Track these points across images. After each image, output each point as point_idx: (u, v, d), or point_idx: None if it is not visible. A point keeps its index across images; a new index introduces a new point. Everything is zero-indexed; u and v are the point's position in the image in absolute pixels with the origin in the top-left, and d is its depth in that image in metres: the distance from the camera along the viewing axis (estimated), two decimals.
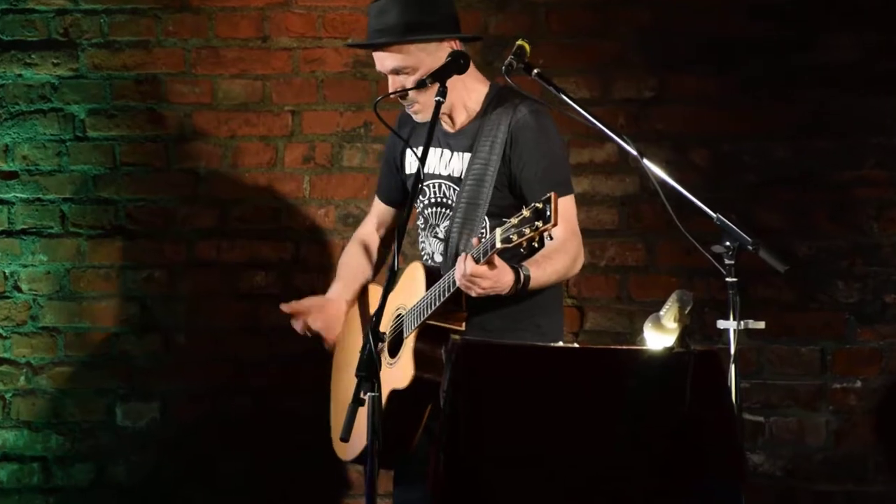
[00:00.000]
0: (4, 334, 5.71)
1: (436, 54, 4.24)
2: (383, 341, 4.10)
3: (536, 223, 3.84)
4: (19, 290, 5.71)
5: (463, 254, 4.05)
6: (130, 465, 5.66)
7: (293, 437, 5.48)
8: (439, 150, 4.38)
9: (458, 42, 4.28)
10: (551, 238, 3.99)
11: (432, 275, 4.23)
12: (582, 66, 5.46)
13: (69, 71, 5.70)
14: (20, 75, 5.71)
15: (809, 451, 5.41)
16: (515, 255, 4.07)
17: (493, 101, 4.32)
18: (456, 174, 4.34)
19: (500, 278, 4.03)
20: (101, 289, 5.70)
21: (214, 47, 5.65)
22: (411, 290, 4.26)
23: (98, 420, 5.68)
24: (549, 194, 3.84)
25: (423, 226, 4.46)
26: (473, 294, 4.05)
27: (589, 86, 5.46)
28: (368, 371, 3.78)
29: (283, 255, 5.63)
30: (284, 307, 4.59)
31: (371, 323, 3.86)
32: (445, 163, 4.37)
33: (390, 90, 4.31)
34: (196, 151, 5.68)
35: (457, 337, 4.04)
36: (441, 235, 4.36)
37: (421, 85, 4.22)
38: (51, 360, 5.70)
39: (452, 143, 4.35)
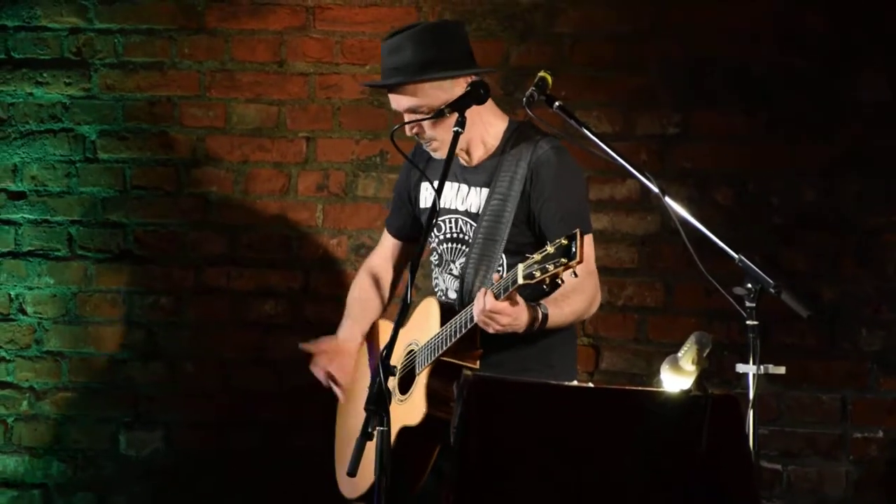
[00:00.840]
0: (8, 357, 5.72)
1: (451, 91, 4.23)
2: (394, 375, 4.07)
3: (561, 259, 3.84)
4: (24, 312, 5.72)
5: (483, 289, 4.04)
6: (132, 495, 5.65)
7: (298, 472, 5.47)
8: (456, 184, 4.37)
9: (473, 77, 4.25)
10: (575, 275, 3.96)
11: (447, 311, 4.23)
12: (605, 100, 5.46)
13: (81, 91, 5.71)
14: (31, 94, 5.73)
15: (828, 502, 5.38)
16: (532, 294, 4.06)
17: (513, 137, 4.30)
18: (473, 210, 4.33)
19: (520, 315, 4.03)
20: (107, 314, 5.70)
21: (230, 70, 5.66)
22: (425, 326, 4.25)
23: (101, 448, 5.69)
24: (574, 231, 3.84)
25: (437, 262, 4.45)
26: (491, 330, 4.04)
27: (611, 120, 5.46)
28: (378, 405, 3.75)
29: (293, 284, 5.63)
30: (304, 347, 4.57)
31: (381, 356, 3.83)
32: (462, 198, 4.35)
33: (407, 132, 4.30)
34: (208, 176, 5.68)
35: (468, 373, 4.01)
36: (456, 272, 4.35)
37: (439, 115, 4.19)
38: (54, 385, 5.71)
39: (470, 178, 4.33)
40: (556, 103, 4.16)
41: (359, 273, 4.69)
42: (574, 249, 3.81)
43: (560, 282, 3.91)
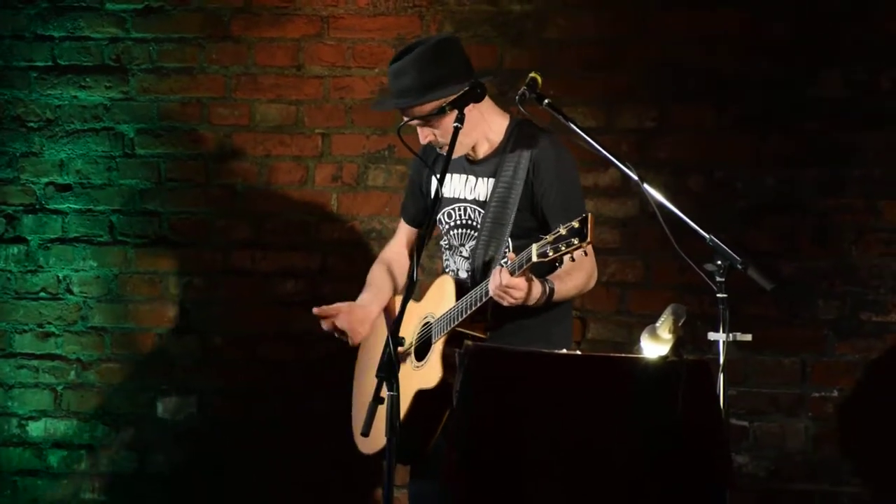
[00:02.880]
0: (57, 332, 5.72)
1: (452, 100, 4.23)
2: (402, 345, 4.10)
3: (573, 240, 3.87)
4: (71, 292, 5.73)
5: (498, 266, 4.06)
6: (169, 455, 5.66)
7: (317, 436, 5.48)
8: (464, 176, 4.37)
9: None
10: (585, 254, 4.00)
11: (461, 288, 4.24)
12: (589, 98, 5.46)
13: (120, 93, 5.71)
14: (75, 97, 5.73)
15: (790, 454, 5.38)
16: (538, 271, 4.08)
17: (515, 133, 4.31)
18: (481, 198, 4.34)
19: (531, 290, 4.05)
20: (145, 293, 5.71)
21: (253, 74, 5.67)
22: (441, 301, 4.27)
23: (140, 413, 5.69)
24: (585, 214, 3.87)
25: (447, 246, 4.45)
26: (505, 303, 4.06)
27: (595, 116, 5.46)
28: (388, 372, 3.78)
29: (312, 265, 5.63)
30: (316, 310, 4.58)
31: (391, 328, 3.86)
32: (471, 188, 4.36)
33: (422, 141, 4.30)
34: (234, 169, 5.68)
35: (469, 342, 4.04)
36: (466, 254, 4.36)
37: (441, 112, 4.21)
38: (98, 357, 5.72)
39: (477, 170, 4.35)
40: (546, 101, 4.17)
41: (375, 262, 4.68)
42: (585, 231, 3.85)
43: (572, 259, 3.94)
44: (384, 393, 3.78)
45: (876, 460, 5.32)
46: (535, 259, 3.94)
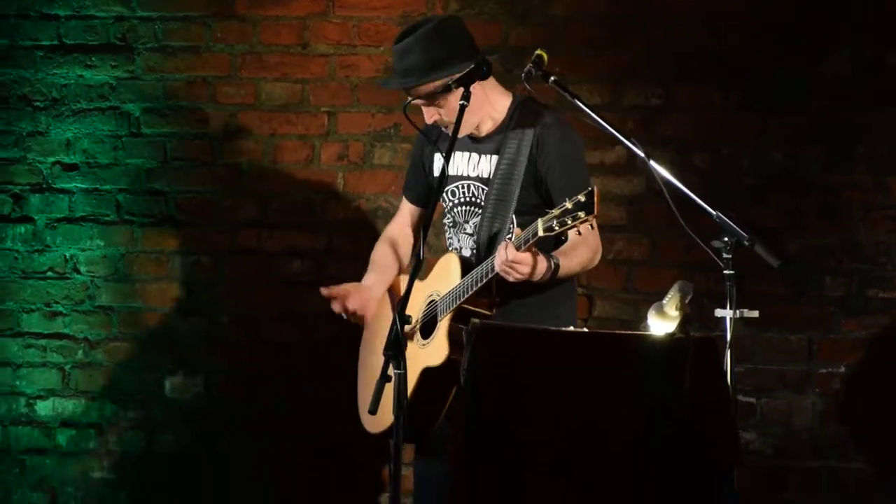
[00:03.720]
0: (65, 312, 5.73)
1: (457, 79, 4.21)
2: (409, 323, 4.09)
3: (579, 213, 3.86)
4: (78, 271, 5.72)
5: (504, 241, 4.05)
6: (177, 433, 5.67)
7: (323, 414, 5.48)
8: (467, 153, 4.37)
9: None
10: (592, 227, 3.98)
11: (466, 265, 4.23)
12: (595, 76, 5.44)
13: (126, 73, 5.70)
14: (81, 76, 5.72)
15: (797, 431, 5.39)
16: (542, 248, 4.07)
17: (518, 111, 4.31)
18: (485, 175, 4.33)
19: (537, 265, 4.04)
20: (152, 272, 5.70)
21: (258, 53, 5.65)
22: (446, 278, 4.26)
23: (148, 392, 5.69)
24: (591, 188, 3.86)
25: (451, 223, 4.44)
26: (511, 279, 4.05)
27: (601, 93, 5.44)
28: (395, 350, 3.77)
29: (318, 244, 5.63)
30: (324, 290, 4.57)
31: (398, 306, 3.85)
32: (474, 165, 4.36)
33: (427, 120, 4.30)
34: (240, 148, 5.67)
35: (476, 321, 4.03)
36: (470, 231, 4.35)
37: (447, 89, 4.20)
38: (106, 336, 5.72)
39: (480, 147, 4.34)
40: (552, 78, 4.16)
41: (379, 240, 4.67)
42: (592, 204, 3.84)
43: (578, 233, 3.93)
44: (392, 371, 3.77)
45: (883, 437, 5.32)
46: (541, 233, 3.93)
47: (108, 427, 5.70)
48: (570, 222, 3.88)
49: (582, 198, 3.87)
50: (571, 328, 4.31)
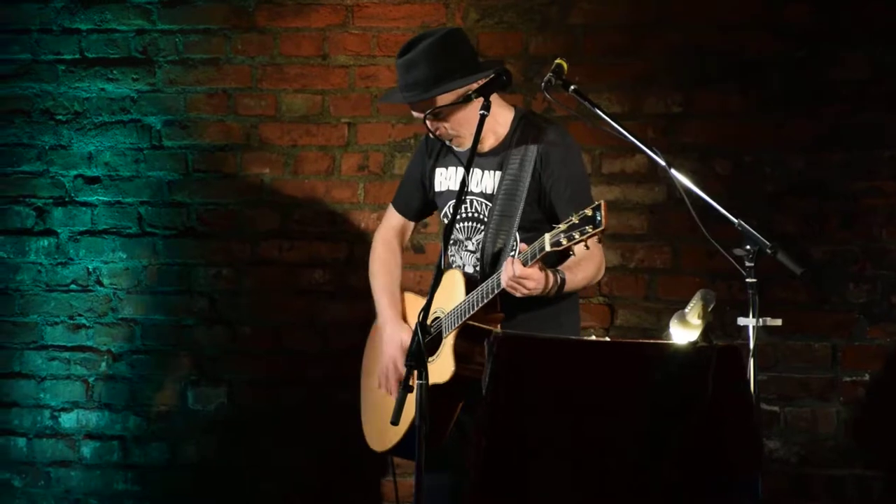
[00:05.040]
0: (88, 324, 5.73)
1: (464, 92, 4.19)
2: (430, 334, 4.07)
3: (586, 228, 3.83)
4: (101, 284, 5.73)
5: (510, 257, 4.02)
6: (200, 445, 5.66)
7: (341, 424, 5.47)
8: (471, 169, 4.32)
9: (482, 80, 4.19)
10: (599, 241, 3.95)
11: (470, 281, 4.20)
12: (615, 84, 5.42)
13: (147, 85, 5.70)
14: (103, 89, 5.72)
15: (821, 439, 5.35)
16: (548, 263, 4.05)
17: (521, 125, 4.26)
18: (488, 191, 4.29)
19: (543, 280, 4.02)
20: (174, 284, 5.70)
21: (279, 64, 5.64)
22: (450, 295, 4.21)
23: (171, 403, 5.69)
24: (598, 202, 3.84)
25: (452, 240, 4.40)
26: (518, 294, 4.03)
27: (621, 101, 5.42)
28: (417, 361, 3.75)
29: (339, 254, 5.62)
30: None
31: (419, 318, 3.82)
32: (477, 181, 4.31)
33: (431, 133, 4.24)
34: (261, 159, 5.67)
35: (498, 331, 4.00)
36: (472, 248, 4.31)
37: (467, 99, 4.17)
38: (129, 349, 5.72)
39: (483, 163, 4.28)
40: (572, 87, 4.13)
41: (374, 251, 4.59)
42: (599, 218, 3.81)
43: (586, 247, 3.90)
44: (413, 381, 3.75)
45: None
46: (548, 248, 3.90)
47: (132, 439, 5.69)
48: (577, 236, 3.85)
49: (589, 212, 3.84)
50: (594, 337, 4.28)
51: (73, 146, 5.74)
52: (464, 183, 4.13)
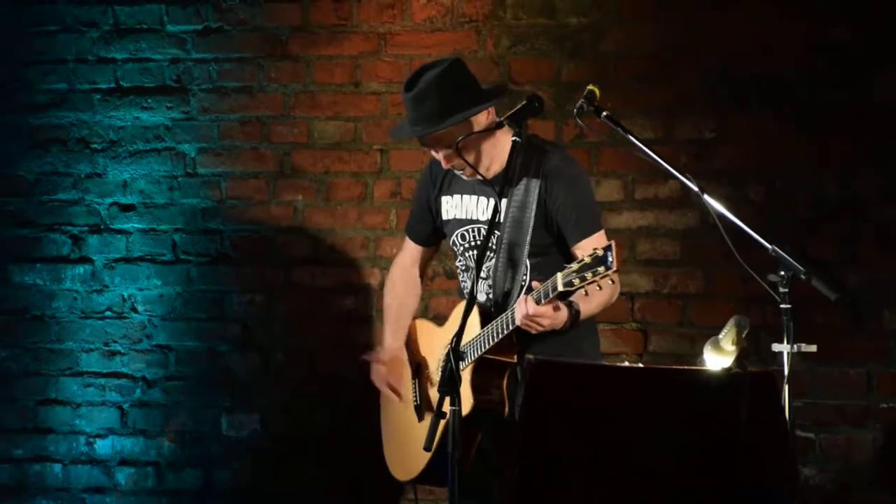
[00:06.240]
0: (123, 351, 5.74)
1: (476, 119, 4.17)
2: (464, 360, 4.06)
3: (598, 269, 3.82)
4: (136, 311, 5.74)
5: (522, 296, 4.00)
6: (234, 471, 5.66)
7: (376, 448, 5.45)
8: (475, 196, 4.29)
9: (492, 109, 4.19)
10: (612, 282, 3.93)
11: (484, 313, 4.18)
12: (647, 109, 5.40)
13: (181, 114, 5.73)
14: (138, 118, 5.75)
15: (857, 466, 5.30)
16: (560, 295, 4.02)
17: (522, 151, 4.18)
18: (495, 219, 4.25)
19: (558, 316, 4.01)
20: (207, 310, 5.71)
21: (311, 92, 5.66)
22: (465, 328, 4.14)
23: (205, 430, 5.69)
24: (609, 243, 3.83)
25: (463, 268, 4.37)
26: (533, 332, 4.02)
27: (653, 127, 5.40)
28: (450, 387, 3.73)
29: (371, 280, 5.61)
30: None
31: (451, 343, 3.81)
32: (483, 209, 4.28)
33: (444, 165, 4.22)
34: (294, 186, 5.67)
35: (531, 356, 3.99)
36: (484, 275, 4.27)
37: (499, 126, 4.15)
38: (163, 375, 5.73)
39: (488, 190, 4.24)
40: (604, 113, 4.12)
41: (389, 279, 4.60)
42: (610, 260, 3.80)
43: (599, 288, 3.88)
44: (446, 407, 3.74)
45: None
46: (560, 288, 3.90)
47: (166, 465, 5.70)
48: (590, 277, 3.84)
49: (600, 252, 3.83)
50: (627, 363, 4.26)
51: (108, 174, 5.76)
52: (496, 210, 4.11)
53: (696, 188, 4.02)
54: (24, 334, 5.78)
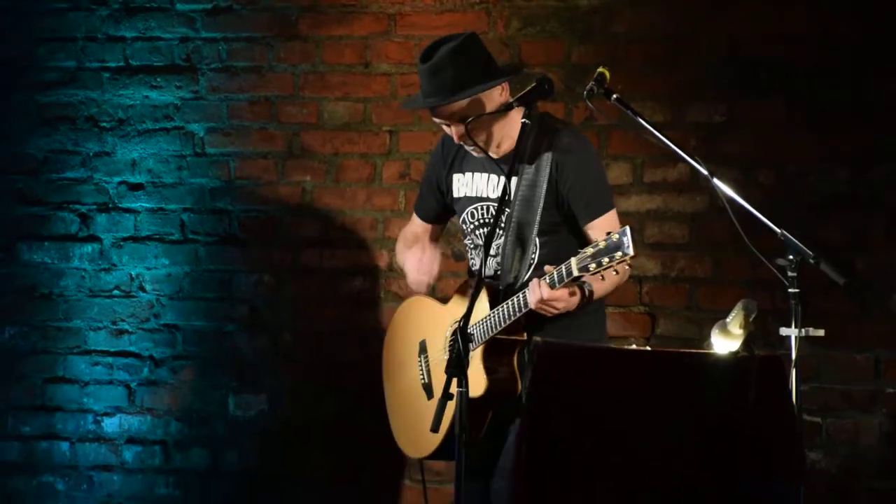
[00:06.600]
0: (131, 330, 5.76)
1: (490, 96, 4.16)
2: (472, 341, 4.07)
3: (615, 254, 3.82)
4: (144, 290, 5.75)
5: (535, 280, 4.00)
6: (241, 451, 5.67)
7: (383, 431, 5.46)
8: (485, 174, 4.29)
9: (505, 85, 4.18)
10: (629, 267, 3.93)
11: (491, 292, 4.17)
12: (657, 93, 5.39)
13: (190, 93, 5.73)
14: (147, 97, 5.75)
15: (863, 451, 5.30)
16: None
17: (533, 129, 4.18)
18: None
19: (572, 299, 4.01)
20: (215, 291, 5.72)
21: (321, 72, 5.65)
22: (474, 308, 4.13)
23: (212, 409, 5.70)
24: (625, 227, 3.82)
25: (472, 245, 4.37)
26: (547, 315, 4.02)
27: (663, 111, 5.39)
28: (458, 368, 3.74)
29: (380, 262, 5.62)
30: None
31: (460, 325, 3.81)
32: (493, 186, 4.27)
33: (456, 140, 4.20)
34: (303, 167, 5.68)
35: (539, 339, 3.99)
36: (493, 252, 4.26)
37: (508, 108, 4.15)
38: (171, 354, 5.74)
39: (497, 168, 4.24)
40: (614, 96, 4.11)
41: (398, 241, 4.58)
42: (628, 244, 3.80)
43: (615, 272, 3.88)
44: (454, 389, 3.75)
45: None
46: (575, 273, 3.90)
47: (174, 444, 5.71)
48: (606, 262, 3.84)
49: (615, 237, 3.82)
50: (634, 347, 4.26)
51: (116, 153, 5.77)
52: (505, 191, 4.11)
53: (705, 172, 4.01)
54: (32, 312, 5.80)
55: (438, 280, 5.31)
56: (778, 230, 3.89)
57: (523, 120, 4.09)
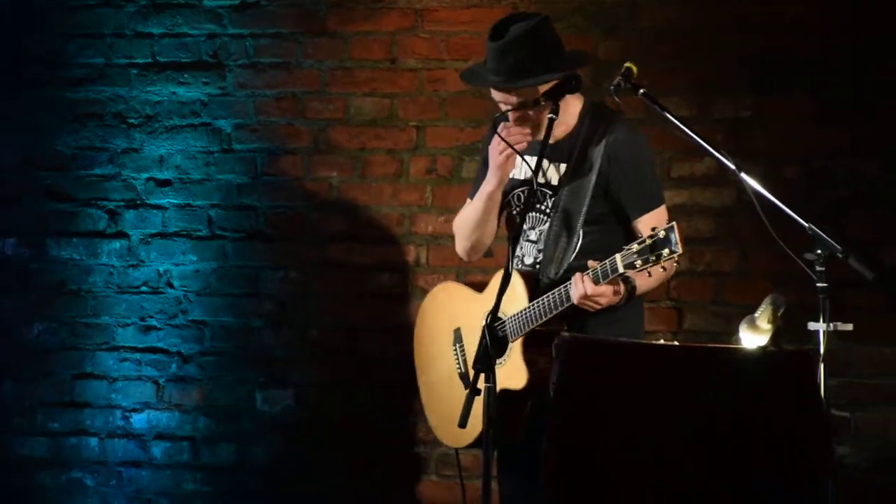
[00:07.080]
0: (158, 326, 5.78)
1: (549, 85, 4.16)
2: (512, 335, 4.08)
3: (662, 252, 3.82)
4: (171, 286, 5.77)
5: (579, 274, 3.99)
6: (268, 446, 5.69)
7: (412, 426, 5.48)
8: (535, 159, 4.29)
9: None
10: (677, 264, 3.93)
11: (530, 284, 4.17)
12: (684, 87, 5.38)
13: (217, 89, 5.75)
14: (174, 93, 5.77)
15: (892, 445, 5.28)
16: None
17: (589, 116, 4.22)
18: (553, 182, 4.25)
19: (615, 296, 4.02)
20: (243, 287, 5.73)
21: (348, 68, 5.66)
22: (511, 298, 4.14)
23: (240, 405, 5.72)
24: (672, 223, 3.83)
25: (513, 233, 4.37)
26: (591, 310, 4.02)
27: (690, 105, 5.38)
28: (485, 364, 3.74)
29: (407, 257, 5.62)
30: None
31: (487, 321, 3.82)
32: (542, 171, 4.26)
33: (511, 119, 4.20)
34: (330, 163, 5.69)
35: (566, 334, 3.99)
36: (534, 238, 4.27)
37: (535, 104, 4.16)
38: (199, 350, 5.76)
39: (549, 153, 4.21)
40: (641, 90, 4.11)
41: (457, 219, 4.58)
42: (675, 241, 3.80)
43: (663, 269, 3.88)
44: (482, 384, 3.75)
45: None
46: (621, 270, 3.89)
47: (202, 440, 5.74)
48: (653, 260, 3.84)
49: (662, 233, 3.82)
50: (662, 341, 4.26)
51: (144, 149, 5.79)
52: (532, 186, 4.12)
53: (732, 166, 4.01)
54: (60, 308, 5.83)
55: (465, 275, 5.36)
56: (806, 224, 3.88)
57: (550, 115, 4.09)
